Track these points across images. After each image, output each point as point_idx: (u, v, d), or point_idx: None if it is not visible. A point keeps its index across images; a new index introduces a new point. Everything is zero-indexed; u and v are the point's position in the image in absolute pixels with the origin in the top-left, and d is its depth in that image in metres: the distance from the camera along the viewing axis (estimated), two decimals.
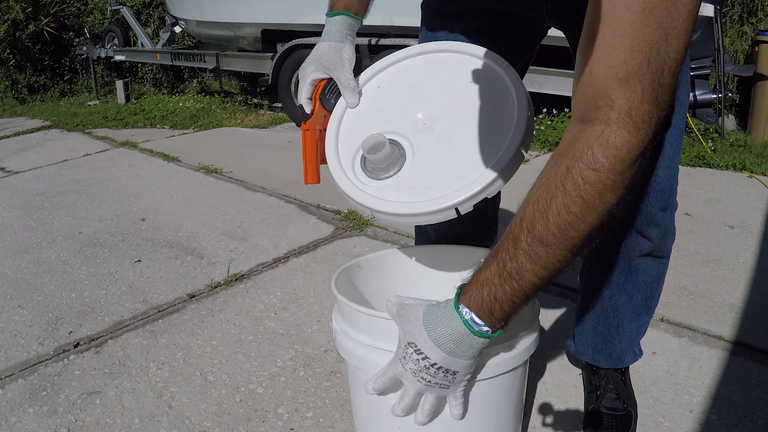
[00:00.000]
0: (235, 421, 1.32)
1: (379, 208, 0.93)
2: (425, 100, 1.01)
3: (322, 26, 1.08)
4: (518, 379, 0.96)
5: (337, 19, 1.05)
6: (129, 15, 6.46)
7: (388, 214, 0.93)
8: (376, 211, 0.94)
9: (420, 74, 1.06)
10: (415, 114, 1.00)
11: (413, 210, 0.91)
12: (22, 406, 1.40)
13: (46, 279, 2.07)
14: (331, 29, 1.05)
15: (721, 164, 3.14)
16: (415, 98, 1.03)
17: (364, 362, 0.90)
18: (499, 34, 1.09)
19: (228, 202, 2.83)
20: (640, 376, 1.41)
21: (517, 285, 0.73)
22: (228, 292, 1.92)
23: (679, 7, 0.63)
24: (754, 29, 3.88)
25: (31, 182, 3.29)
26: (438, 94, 1.01)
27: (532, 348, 0.94)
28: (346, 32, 1.05)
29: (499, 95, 0.97)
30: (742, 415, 1.29)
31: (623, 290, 1.16)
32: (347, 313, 0.94)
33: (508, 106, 0.96)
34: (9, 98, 6.78)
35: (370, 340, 0.90)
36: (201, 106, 5.39)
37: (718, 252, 2.11)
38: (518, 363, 0.92)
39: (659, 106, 0.67)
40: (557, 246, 0.70)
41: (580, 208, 0.68)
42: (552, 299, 1.78)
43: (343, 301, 0.93)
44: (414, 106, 1.01)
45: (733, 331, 1.61)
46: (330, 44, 1.04)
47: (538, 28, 1.14)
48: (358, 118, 1.04)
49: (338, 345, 0.97)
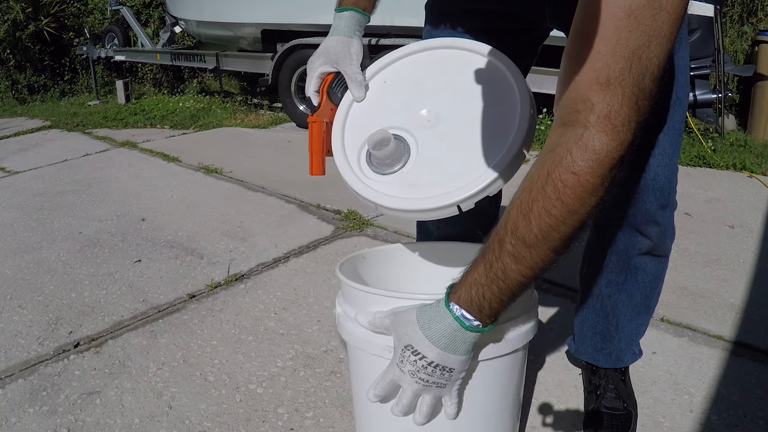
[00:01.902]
0: (235, 421, 1.32)
1: (383, 203, 0.95)
2: (430, 96, 1.03)
3: (322, 26, 1.10)
4: (516, 365, 0.97)
5: (345, 15, 1.07)
6: (129, 15, 6.46)
7: (392, 210, 0.95)
8: (381, 206, 0.96)
9: (425, 70, 1.07)
10: (419, 110, 1.01)
11: (416, 206, 0.93)
12: (22, 406, 1.40)
13: (46, 279, 2.07)
14: (340, 24, 1.06)
15: (721, 164, 3.14)
16: (420, 94, 1.04)
17: (365, 342, 0.92)
18: (501, 35, 1.09)
19: (228, 202, 2.83)
20: (640, 376, 1.41)
21: (503, 284, 0.76)
22: (228, 292, 1.92)
23: (663, 16, 0.65)
24: (754, 29, 3.88)
25: (31, 182, 3.29)
26: (442, 91, 1.03)
27: (530, 335, 0.96)
28: (354, 27, 1.07)
29: (503, 94, 0.98)
30: (742, 415, 1.29)
31: (622, 289, 1.16)
32: (349, 293, 0.97)
33: (511, 105, 0.97)
34: (9, 98, 6.78)
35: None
36: (201, 106, 5.39)
37: (718, 252, 2.11)
38: (516, 347, 0.93)
39: (639, 111, 0.68)
40: (540, 247, 0.72)
41: (561, 211, 0.70)
42: (552, 299, 1.78)
43: (345, 281, 0.96)
44: (419, 102, 1.02)
45: (733, 331, 1.61)
46: (338, 38, 1.05)
47: (540, 29, 1.15)
48: (365, 112, 1.06)
49: (340, 327, 0.99)
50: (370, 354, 0.91)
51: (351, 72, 1.04)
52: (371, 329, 0.89)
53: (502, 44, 1.06)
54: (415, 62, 1.09)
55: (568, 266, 2.13)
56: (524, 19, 1.09)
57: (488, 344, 0.89)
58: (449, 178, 0.93)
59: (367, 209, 2.54)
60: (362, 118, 1.05)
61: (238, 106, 5.51)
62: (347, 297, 0.99)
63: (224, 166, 3.39)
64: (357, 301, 0.95)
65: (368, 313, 0.89)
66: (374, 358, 0.91)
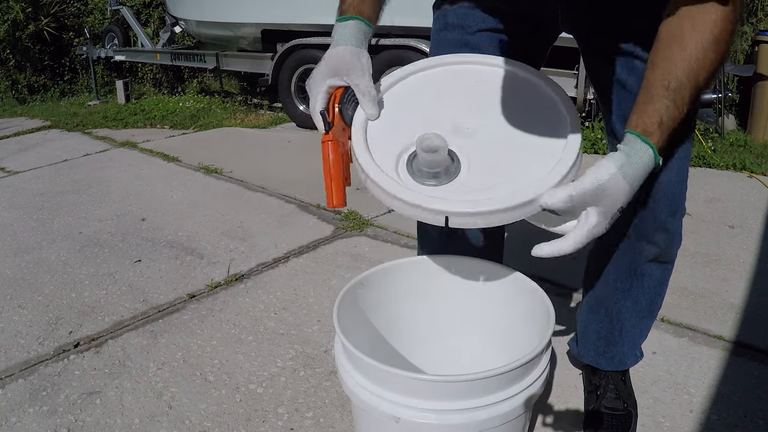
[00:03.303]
0: (235, 421, 1.32)
1: (457, 209, 0.82)
2: (455, 109, 0.96)
3: (321, 26, 1.05)
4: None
5: (350, 24, 0.96)
6: (129, 15, 6.45)
7: (469, 215, 0.82)
8: (455, 214, 0.82)
9: (440, 84, 1.01)
10: (447, 123, 0.93)
11: (495, 206, 0.82)
12: (22, 406, 1.40)
13: (46, 279, 2.07)
14: (345, 34, 0.95)
15: (721, 164, 3.14)
16: (442, 108, 0.97)
17: (368, 405, 0.88)
18: (512, 36, 1.07)
19: (228, 202, 2.83)
20: (640, 376, 1.41)
21: (678, 115, 0.81)
22: (228, 292, 1.92)
23: None
24: (754, 29, 3.88)
25: (31, 182, 3.29)
26: (466, 103, 0.97)
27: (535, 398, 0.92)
28: (361, 38, 0.96)
29: (534, 98, 0.96)
30: (742, 414, 1.29)
31: (628, 295, 1.15)
32: (352, 355, 0.90)
33: (548, 103, 0.95)
34: (9, 98, 6.77)
35: (375, 388, 0.87)
36: (201, 106, 5.39)
37: (718, 252, 2.11)
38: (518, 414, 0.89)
39: None
40: (703, 88, 0.82)
41: (723, 51, 0.79)
42: (552, 299, 1.78)
43: (349, 348, 0.88)
44: (444, 115, 0.95)
45: (733, 331, 1.61)
46: (347, 48, 0.93)
47: (551, 31, 1.13)
48: (382, 129, 0.95)
49: (342, 381, 0.94)
50: (373, 416, 0.88)
51: (363, 86, 0.93)
52: (566, 209, 0.80)
53: (512, 46, 1.05)
54: (428, 77, 1.03)
55: (568, 266, 2.13)
56: (536, 20, 1.07)
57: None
58: (509, 180, 0.85)
59: (368, 209, 2.54)
60: (381, 136, 0.93)
61: (238, 106, 5.51)
62: (349, 356, 0.92)
63: (224, 166, 3.39)
64: (358, 363, 0.90)
65: (555, 196, 0.79)
66: (380, 423, 0.88)
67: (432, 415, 0.84)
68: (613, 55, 1.00)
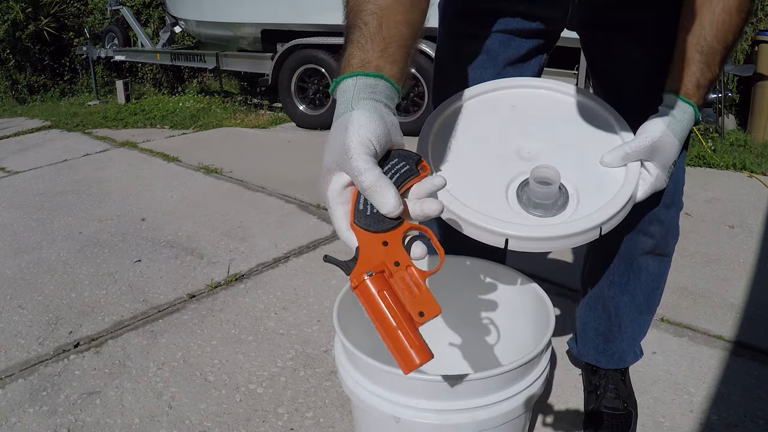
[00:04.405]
0: (235, 421, 1.32)
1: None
2: (512, 133, 0.95)
3: (322, 26, 1.00)
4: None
5: (380, 85, 0.68)
6: (129, 15, 6.45)
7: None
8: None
9: (489, 112, 0.99)
10: (514, 145, 0.92)
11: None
12: (22, 406, 1.40)
13: (46, 279, 2.07)
14: (363, 95, 0.67)
15: (721, 164, 3.15)
16: (502, 133, 0.95)
17: (368, 405, 0.88)
18: (521, 36, 1.07)
19: (228, 202, 2.83)
20: (640, 376, 1.41)
21: (712, 75, 0.91)
22: (228, 292, 1.92)
23: None
24: (754, 29, 3.88)
25: (31, 182, 3.29)
26: (520, 127, 0.96)
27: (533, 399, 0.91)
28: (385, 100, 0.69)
29: (583, 115, 0.97)
30: (742, 414, 1.29)
31: (625, 290, 1.15)
32: (352, 355, 0.89)
33: (599, 120, 0.95)
34: (9, 98, 6.77)
35: (375, 388, 0.87)
36: (201, 106, 5.39)
37: (718, 252, 2.11)
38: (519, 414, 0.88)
39: None
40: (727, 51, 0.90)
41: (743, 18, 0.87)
42: (552, 299, 1.78)
43: (349, 348, 0.88)
44: (509, 139, 0.93)
45: (733, 331, 1.61)
46: (368, 115, 0.65)
47: (557, 30, 1.12)
48: (457, 183, 0.85)
49: (342, 381, 0.94)
50: (374, 416, 0.88)
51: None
52: (624, 163, 0.88)
53: (521, 45, 1.05)
54: (470, 108, 0.99)
55: (568, 266, 2.12)
56: (545, 19, 1.06)
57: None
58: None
59: None
60: (461, 189, 0.85)
61: (238, 106, 5.51)
62: (349, 357, 0.92)
63: (224, 166, 3.39)
64: (358, 362, 0.89)
65: (613, 154, 0.87)
66: (380, 423, 0.88)
67: (432, 415, 0.84)
68: (616, 38, 1.02)
